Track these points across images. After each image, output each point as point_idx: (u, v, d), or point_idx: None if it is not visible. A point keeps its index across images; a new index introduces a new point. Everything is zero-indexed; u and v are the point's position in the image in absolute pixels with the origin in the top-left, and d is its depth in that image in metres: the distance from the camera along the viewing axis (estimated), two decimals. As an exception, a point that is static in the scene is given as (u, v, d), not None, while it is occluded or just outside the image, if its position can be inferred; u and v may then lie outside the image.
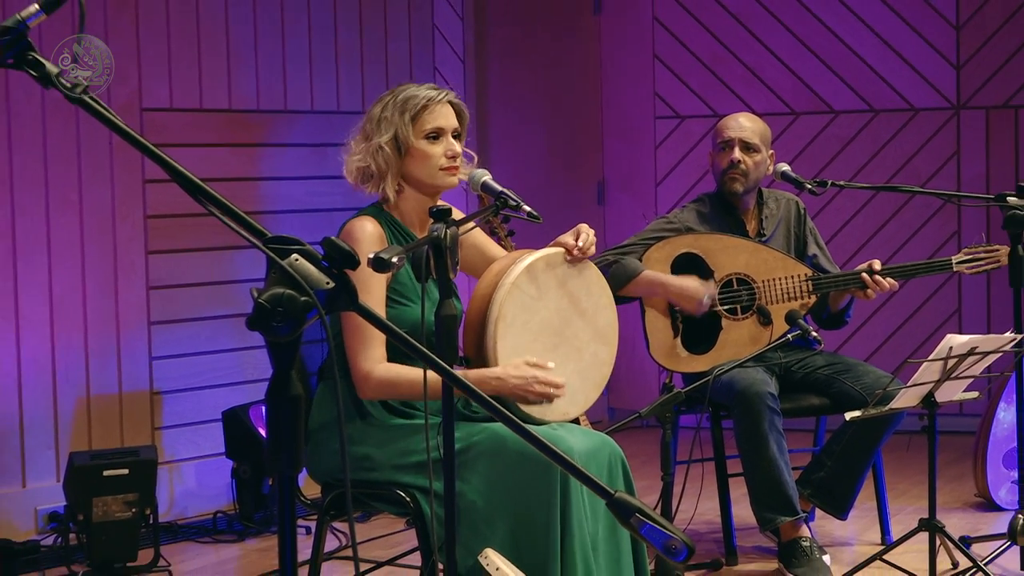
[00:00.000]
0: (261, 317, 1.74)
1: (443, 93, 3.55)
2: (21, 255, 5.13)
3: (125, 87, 5.39)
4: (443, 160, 3.51)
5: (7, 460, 5.10)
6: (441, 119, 3.52)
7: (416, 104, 3.50)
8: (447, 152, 3.51)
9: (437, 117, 3.52)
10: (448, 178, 3.53)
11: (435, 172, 3.52)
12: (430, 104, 3.51)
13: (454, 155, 3.51)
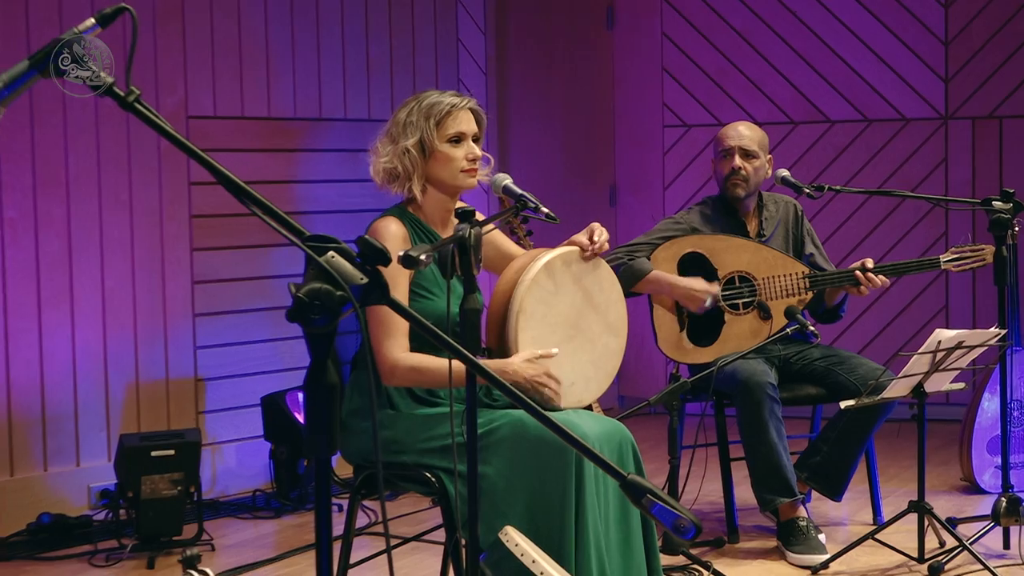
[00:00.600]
0: (300, 310, 1.74)
1: (464, 100, 3.56)
2: (76, 251, 5.14)
3: (172, 96, 5.40)
4: (464, 163, 3.51)
5: (62, 441, 5.12)
6: (463, 124, 3.53)
7: (440, 110, 3.50)
8: (468, 155, 3.51)
9: (459, 122, 3.53)
10: (468, 179, 3.54)
11: (456, 173, 3.52)
12: (453, 110, 3.52)
13: (474, 158, 3.52)
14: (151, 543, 4.65)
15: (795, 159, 6.88)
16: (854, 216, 6.92)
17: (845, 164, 6.94)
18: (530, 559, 2.95)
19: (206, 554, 4.64)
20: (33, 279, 5.03)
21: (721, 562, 4.30)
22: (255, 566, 4.51)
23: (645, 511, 1.90)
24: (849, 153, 6.96)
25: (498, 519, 3.23)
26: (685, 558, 4.23)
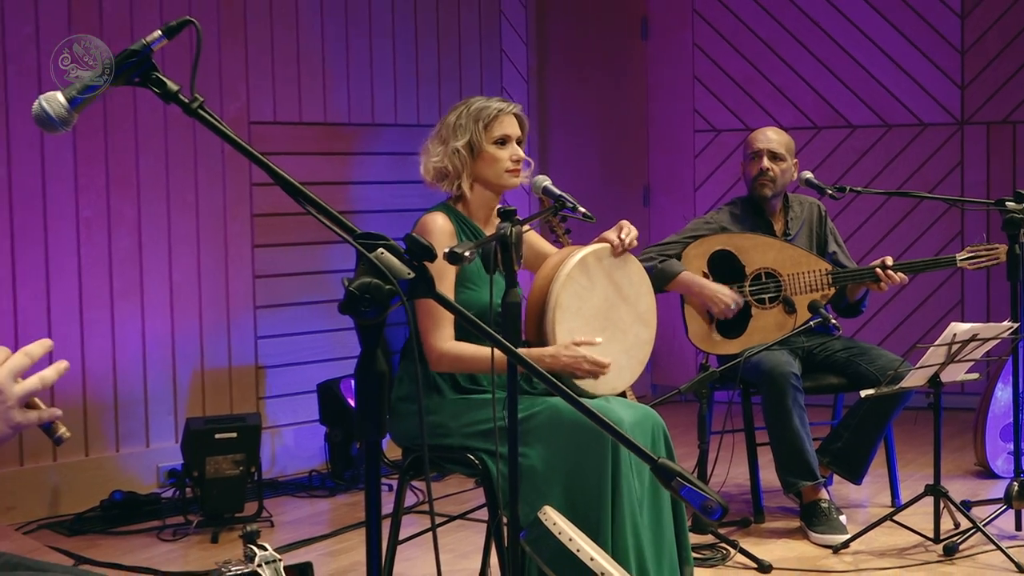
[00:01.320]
0: (351, 302, 1.74)
1: (510, 105, 3.58)
2: (146, 248, 5.17)
3: (235, 103, 5.42)
4: (509, 163, 3.53)
5: (133, 424, 5.16)
6: (508, 127, 3.54)
7: (488, 114, 3.52)
8: (512, 156, 3.53)
9: (505, 126, 3.54)
10: (512, 179, 3.55)
11: (502, 173, 3.53)
12: (499, 114, 3.53)
13: (518, 159, 3.53)
14: (215, 519, 4.67)
15: (819, 162, 6.85)
16: (874, 216, 6.88)
17: (866, 167, 6.89)
18: (567, 537, 2.95)
19: (265, 530, 4.67)
20: (106, 273, 5.07)
21: (747, 541, 4.28)
22: (310, 542, 4.53)
23: (674, 493, 1.89)
24: (870, 156, 6.91)
25: (537, 499, 3.23)
26: (713, 537, 4.23)
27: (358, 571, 4.11)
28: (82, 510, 4.84)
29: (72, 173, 4.97)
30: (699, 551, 4.05)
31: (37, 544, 4.43)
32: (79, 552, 4.36)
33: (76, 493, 4.92)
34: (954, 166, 6.77)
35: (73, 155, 4.96)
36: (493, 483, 3.37)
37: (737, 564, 4.10)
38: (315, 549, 4.43)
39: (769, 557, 4.11)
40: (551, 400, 3.35)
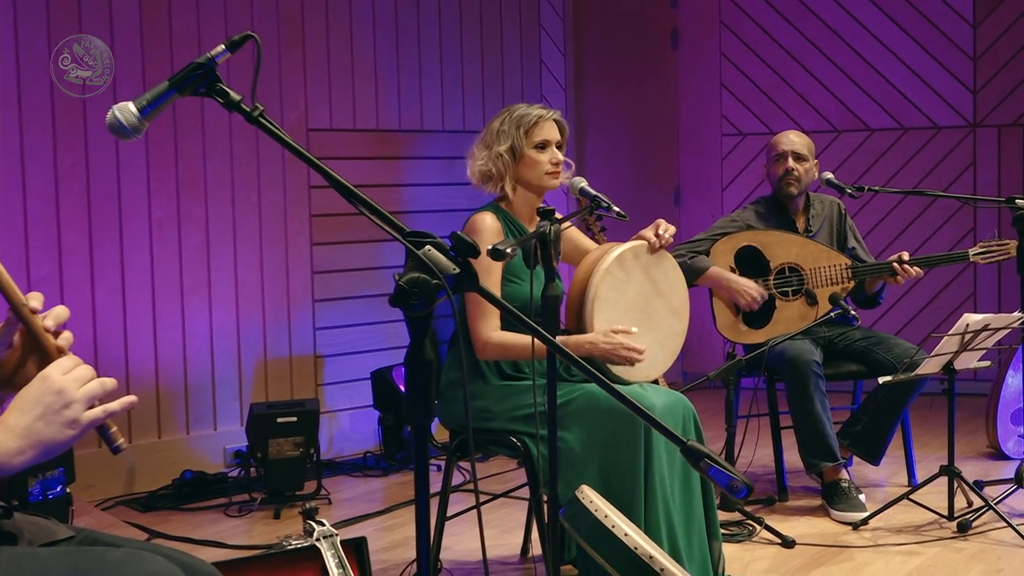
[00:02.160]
0: (401, 296, 1.75)
1: (550, 112, 3.58)
2: (213, 246, 5.21)
3: (294, 111, 5.45)
4: (548, 166, 3.53)
5: (202, 409, 5.19)
6: (548, 133, 3.54)
7: (529, 120, 3.53)
8: (551, 159, 3.53)
9: (544, 131, 3.54)
10: (551, 181, 3.55)
11: (542, 175, 3.54)
12: (540, 121, 3.54)
13: (557, 162, 3.54)
14: (277, 497, 4.70)
15: (838, 163, 6.81)
16: (891, 214, 6.82)
17: (883, 168, 6.84)
18: (603, 514, 2.95)
19: (323, 507, 4.69)
20: (176, 269, 5.10)
21: (772, 518, 4.26)
22: (365, 518, 4.54)
23: (703, 473, 1.88)
24: (887, 158, 6.86)
25: (575, 479, 3.23)
26: (740, 514, 4.21)
27: (409, 545, 4.12)
28: (155, 488, 4.88)
29: (145, 177, 5.01)
30: (727, 527, 4.04)
31: (114, 519, 4.46)
32: (152, 527, 4.40)
33: (150, 472, 4.96)
34: (967, 166, 6.71)
35: (146, 160, 5.00)
36: (534, 464, 3.37)
37: (762, 540, 4.08)
38: (369, 525, 4.45)
39: (792, 533, 4.09)
40: (588, 387, 3.34)
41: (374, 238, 5.61)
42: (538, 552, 3.74)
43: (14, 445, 1.68)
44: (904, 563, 3.84)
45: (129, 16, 4.91)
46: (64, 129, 4.77)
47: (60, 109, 4.74)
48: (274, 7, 5.36)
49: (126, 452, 4.89)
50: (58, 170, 4.77)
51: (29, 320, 1.82)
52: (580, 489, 3.06)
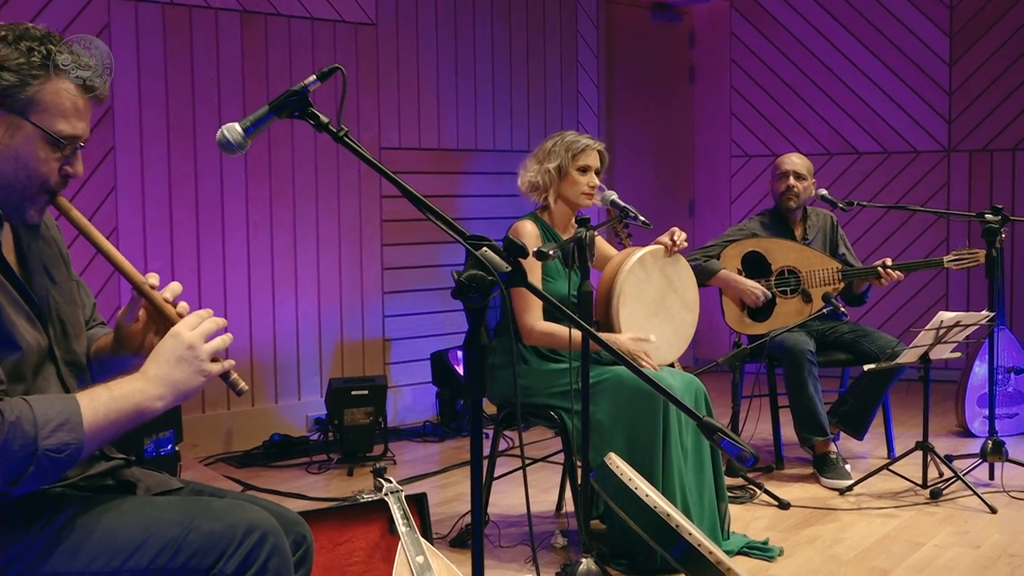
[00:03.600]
0: (461, 290, 1.74)
1: (596, 143, 3.59)
2: (299, 245, 5.23)
3: (369, 132, 5.46)
4: (586, 187, 3.53)
5: (289, 382, 5.22)
6: (590, 159, 3.54)
7: (578, 147, 3.54)
8: (589, 183, 3.53)
9: (588, 158, 3.54)
10: (586, 200, 3.55)
11: (579, 194, 3.54)
12: (586, 148, 3.54)
13: (593, 186, 3.53)
14: (350, 457, 4.72)
15: (831, 181, 6.74)
16: (876, 225, 6.75)
17: (869, 186, 6.77)
18: (627, 478, 2.94)
19: (389, 466, 4.70)
20: (268, 265, 5.14)
21: (770, 484, 4.24)
22: (424, 476, 4.55)
23: (716, 444, 1.87)
24: (873, 177, 6.79)
25: (603, 447, 3.22)
26: (743, 480, 4.18)
27: (462, 500, 4.13)
28: (249, 448, 4.92)
29: (243, 186, 5.04)
30: (732, 491, 4.01)
31: (215, 474, 4.50)
32: (246, 480, 4.43)
33: (244, 435, 5.00)
34: (941, 186, 6.62)
35: (244, 172, 5.03)
36: (568, 434, 3.37)
37: (761, 502, 4.06)
38: (428, 482, 4.46)
39: (788, 497, 4.06)
40: (616, 368, 3.34)
41: (434, 240, 5.63)
42: (571, 508, 3.75)
43: (155, 391, 1.70)
44: (884, 524, 3.80)
45: (232, 51, 4.95)
46: (177, 144, 4.82)
47: (173, 126, 4.79)
48: (353, 44, 5.38)
49: (225, 417, 4.97)
50: (171, 179, 4.82)
51: (150, 295, 1.85)
52: (608, 456, 3.06)
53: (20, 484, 1.59)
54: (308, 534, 1.93)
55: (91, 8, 4.53)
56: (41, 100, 1.71)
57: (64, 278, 1.89)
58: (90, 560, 1.66)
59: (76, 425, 1.62)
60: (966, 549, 3.52)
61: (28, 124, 1.71)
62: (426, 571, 2.69)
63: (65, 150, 1.75)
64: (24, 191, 1.74)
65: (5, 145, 1.71)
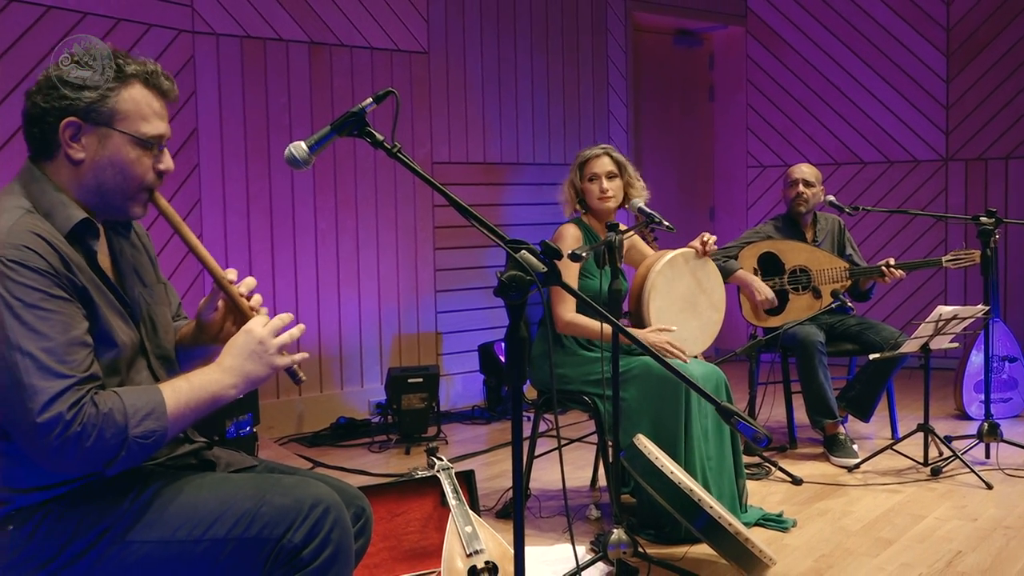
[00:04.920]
0: (502, 289, 1.73)
1: (601, 150, 3.54)
2: (361, 250, 5.25)
3: (423, 148, 5.47)
4: (598, 193, 3.50)
5: (353, 371, 5.24)
6: (595, 167, 3.51)
7: (583, 158, 3.56)
8: (600, 188, 3.50)
9: (593, 166, 3.52)
10: (602, 204, 3.52)
11: (595, 201, 3.52)
12: (591, 159, 3.53)
13: (604, 191, 3.49)
14: (407, 438, 4.73)
15: (839, 189, 6.65)
16: (880, 228, 6.65)
17: (874, 192, 6.67)
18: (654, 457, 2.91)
19: (442, 446, 4.71)
20: (335, 268, 5.16)
21: (784, 461, 4.18)
22: (473, 455, 4.55)
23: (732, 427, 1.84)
24: (876, 185, 6.69)
25: (632, 429, 3.20)
26: (759, 458, 4.13)
27: (506, 476, 4.12)
28: (318, 429, 4.95)
29: (312, 197, 5.07)
30: (749, 468, 3.97)
31: (287, 453, 4.52)
32: (315, 458, 4.44)
33: (314, 417, 5.02)
34: (940, 192, 6.51)
35: (312, 185, 5.06)
36: (600, 417, 3.34)
37: (776, 478, 4.01)
38: (476, 460, 4.46)
39: (800, 473, 4.01)
40: (643, 359, 3.31)
41: (481, 244, 5.62)
42: (603, 484, 3.72)
43: (229, 381, 1.72)
44: (888, 499, 3.73)
45: (301, 79, 4.98)
46: (254, 162, 4.85)
47: (250, 146, 4.82)
48: (408, 70, 5.39)
49: (297, 402, 5.00)
50: (249, 193, 4.85)
51: (228, 289, 1.86)
52: (637, 437, 3.03)
53: (114, 466, 1.61)
54: (367, 507, 1.93)
55: (178, 42, 4.57)
56: (121, 109, 1.72)
57: (153, 281, 1.91)
58: (174, 530, 1.67)
59: (161, 414, 1.63)
60: (964, 522, 3.45)
61: (115, 132, 1.72)
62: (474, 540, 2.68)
63: (152, 149, 1.76)
64: (126, 192, 1.75)
65: (100, 156, 1.72)
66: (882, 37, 6.62)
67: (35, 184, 1.72)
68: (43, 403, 1.54)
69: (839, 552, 3.18)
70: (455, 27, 5.60)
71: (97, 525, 1.66)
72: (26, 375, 1.55)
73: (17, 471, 1.65)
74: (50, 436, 1.54)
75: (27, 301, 1.57)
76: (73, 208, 1.71)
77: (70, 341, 1.59)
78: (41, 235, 1.63)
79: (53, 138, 1.71)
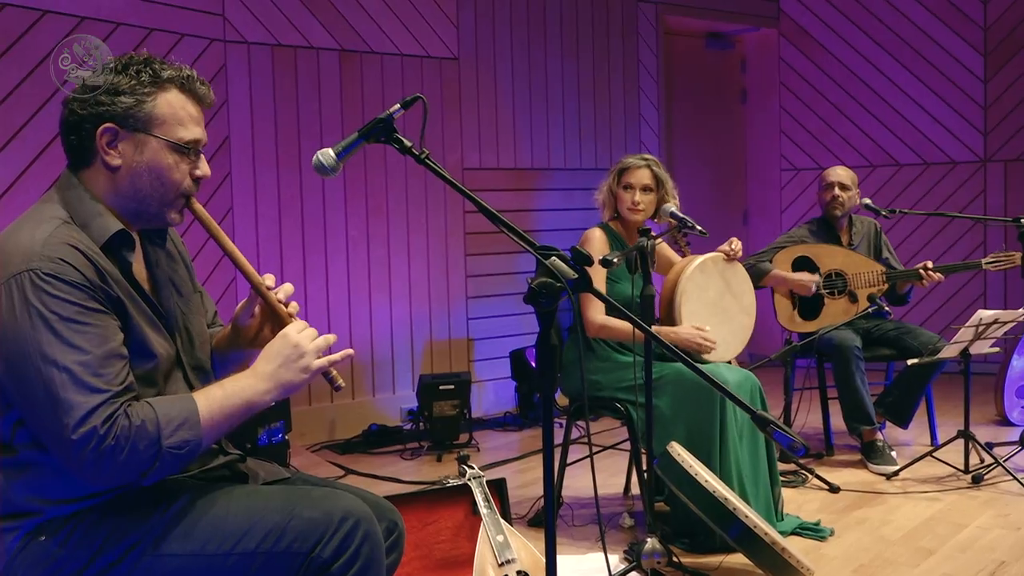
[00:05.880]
0: (533, 296, 1.71)
1: (643, 161, 3.52)
2: (392, 256, 5.25)
3: (453, 154, 5.46)
4: (629, 203, 3.48)
5: (384, 378, 5.24)
6: (632, 177, 3.49)
7: (622, 166, 3.53)
8: (632, 199, 3.48)
9: (631, 176, 3.50)
10: (632, 215, 3.51)
11: (625, 210, 3.51)
12: (630, 168, 3.51)
13: (635, 203, 3.47)
14: (439, 445, 4.72)
15: (875, 191, 6.56)
16: (917, 231, 6.55)
17: (910, 194, 6.58)
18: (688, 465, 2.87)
19: (473, 453, 4.69)
20: (366, 274, 5.17)
21: (821, 469, 4.12)
22: (504, 462, 4.53)
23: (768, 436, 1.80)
24: (913, 187, 6.59)
25: (666, 436, 3.16)
26: (795, 465, 4.07)
27: (538, 483, 4.10)
28: (350, 436, 4.94)
29: (343, 204, 5.08)
30: (785, 475, 3.91)
31: (319, 460, 4.53)
32: (347, 465, 4.45)
33: (346, 425, 5.03)
34: (978, 194, 6.40)
35: (343, 192, 5.07)
36: (633, 424, 3.31)
37: (813, 486, 3.94)
38: (507, 468, 4.43)
39: (837, 481, 3.94)
40: (676, 365, 3.27)
41: (512, 250, 5.60)
42: (636, 491, 3.68)
43: (263, 387, 1.71)
44: (928, 507, 3.66)
45: (332, 86, 4.99)
46: (285, 169, 4.87)
47: (282, 154, 4.84)
48: (438, 76, 5.39)
49: (329, 409, 5.00)
50: (280, 200, 4.87)
51: (266, 295, 1.86)
52: (671, 445, 2.99)
53: (149, 476, 1.61)
54: (400, 522, 1.91)
55: (210, 51, 4.60)
56: (158, 114, 1.72)
57: (189, 290, 1.90)
58: (203, 543, 1.66)
59: (195, 423, 1.63)
60: (1007, 531, 3.37)
61: (152, 138, 1.72)
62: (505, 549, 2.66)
63: (189, 155, 1.75)
64: (163, 199, 1.74)
65: (137, 162, 1.71)
66: (918, 37, 6.53)
67: (72, 192, 1.72)
68: (78, 418, 1.54)
69: (879, 562, 3.12)
70: (485, 33, 5.59)
71: (127, 537, 1.65)
72: (62, 389, 1.55)
73: (49, 482, 1.65)
74: (85, 451, 1.54)
75: (63, 314, 1.57)
76: (109, 218, 1.71)
77: (106, 354, 1.59)
78: (77, 247, 1.63)
79: (90, 145, 1.71)
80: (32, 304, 1.57)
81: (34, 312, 1.56)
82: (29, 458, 1.65)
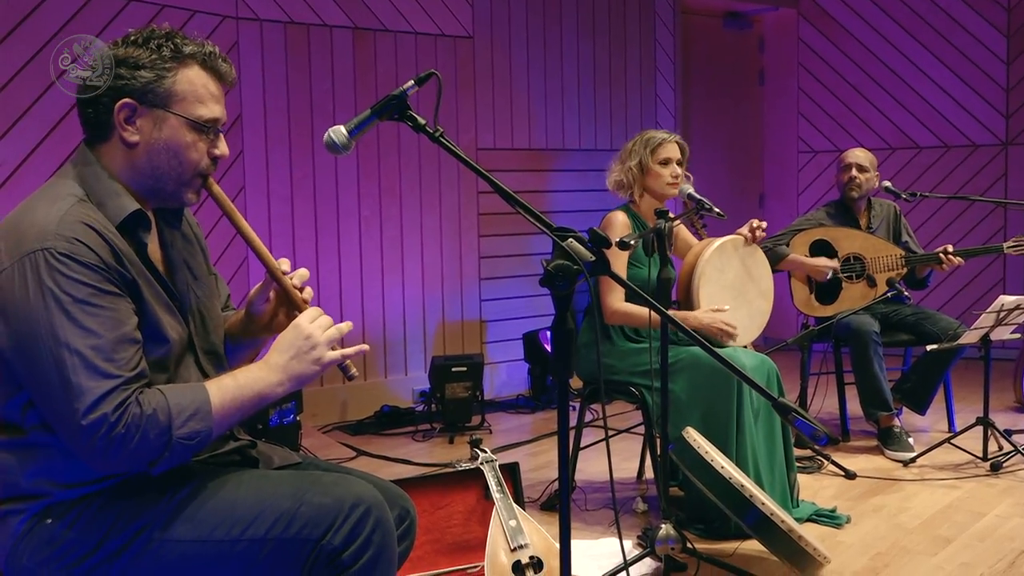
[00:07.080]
0: (549, 278, 1.68)
1: (672, 136, 3.48)
2: (405, 237, 5.22)
3: (467, 135, 5.42)
4: (668, 178, 3.43)
5: (397, 359, 5.23)
6: (669, 152, 3.44)
7: (655, 141, 3.45)
8: (672, 173, 3.42)
9: (667, 150, 3.44)
10: (671, 190, 3.45)
11: (663, 185, 3.44)
12: (664, 142, 3.44)
13: (676, 176, 3.42)
14: (451, 427, 4.70)
15: (894, 174, 6.49)
16: (936, 214, 6.48)
17: (930, 177, 6.49)
18: (704, 451, 2.83)
19: (485, 435, 4.67)
20: (379, 255, 5.14)
21: (837, 455, 4.07)
22: (517, 445, 4.50)
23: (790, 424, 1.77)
24: (933, 170, 6.51)
25: (681, 421, 3.12)
26: (811, 451, 4.03)
27: (551, 467, 4.07)
28: (361, 418, 4.94)
29: (356, 184, 5.04)
30: (800, 461, 3.87)
31: (331, 441, 4.52)
32: (358, 447, 4.43)
33: (357, 406, 5.02)
34: (999, 177, 6.32)
35: (356, 172, 5.03)
36: (648, 408, 3.27)
37: (829, 472, 3.90)
38: (520, 450, 4.41)
39: (854, 467, 3.90)
40: (692, 349, 3.23)
41: (526, 231, 5.56)
42: (651, 476, 3.65)
43: (275, 379, 1.68)
44: (946, 495, 3.62)
45: (345, 64, 4.95)
46: (298, 148, 4.83)
47: (294, 132, 4.81)
48: (452, 55, 5.34)
49: (341, 390, 4.98)
50: (293, 180, 4.84)
51: (281, 279, 1.83)
52: (686, 430, 2.95)
53: (158, 465, 1.59)
54: (412, 509, 1.88)
55: (222, 28, 4.56)
56: (178, 91, 1.68)
57: (203, 273, 1.87)
58: (212, 529, 1.63)
59: (206, 414, 1.60)
60: (1027, 519, 3.33)
61: (171, 115, 1.68)
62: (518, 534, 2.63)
63: (208, 134, 1.71)
64: (180, 177, 1.71)
65: (155, 139, 1.68)
66: (939, 17, 6.43)
67: (88, 169, 1.68)
68: (89, 404, 1.51)
69: (895, 550, 3.08)
70: (500, 11, 5.53)
71: (135, 521, 1.63)
72: (73, 374, 1.52)
73: (58, 464, 1.63)
74: (94, 437, 1.52)
75: (77, 296, 1.54)
76: (126, 198, 1.67)
77: (119, 339, 1.56)
78: (93, 226, 1.60)
79: (107, 119, 1.67)
80: (46, 284, 1.53)
81: (48, 293, 1.53)
82: (38, 440, 1.62)
